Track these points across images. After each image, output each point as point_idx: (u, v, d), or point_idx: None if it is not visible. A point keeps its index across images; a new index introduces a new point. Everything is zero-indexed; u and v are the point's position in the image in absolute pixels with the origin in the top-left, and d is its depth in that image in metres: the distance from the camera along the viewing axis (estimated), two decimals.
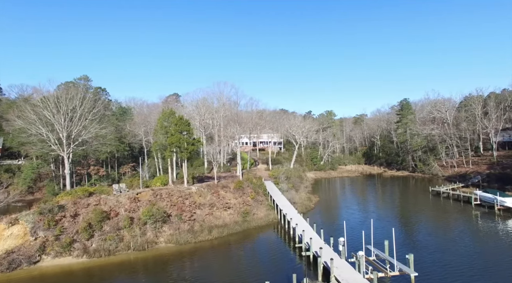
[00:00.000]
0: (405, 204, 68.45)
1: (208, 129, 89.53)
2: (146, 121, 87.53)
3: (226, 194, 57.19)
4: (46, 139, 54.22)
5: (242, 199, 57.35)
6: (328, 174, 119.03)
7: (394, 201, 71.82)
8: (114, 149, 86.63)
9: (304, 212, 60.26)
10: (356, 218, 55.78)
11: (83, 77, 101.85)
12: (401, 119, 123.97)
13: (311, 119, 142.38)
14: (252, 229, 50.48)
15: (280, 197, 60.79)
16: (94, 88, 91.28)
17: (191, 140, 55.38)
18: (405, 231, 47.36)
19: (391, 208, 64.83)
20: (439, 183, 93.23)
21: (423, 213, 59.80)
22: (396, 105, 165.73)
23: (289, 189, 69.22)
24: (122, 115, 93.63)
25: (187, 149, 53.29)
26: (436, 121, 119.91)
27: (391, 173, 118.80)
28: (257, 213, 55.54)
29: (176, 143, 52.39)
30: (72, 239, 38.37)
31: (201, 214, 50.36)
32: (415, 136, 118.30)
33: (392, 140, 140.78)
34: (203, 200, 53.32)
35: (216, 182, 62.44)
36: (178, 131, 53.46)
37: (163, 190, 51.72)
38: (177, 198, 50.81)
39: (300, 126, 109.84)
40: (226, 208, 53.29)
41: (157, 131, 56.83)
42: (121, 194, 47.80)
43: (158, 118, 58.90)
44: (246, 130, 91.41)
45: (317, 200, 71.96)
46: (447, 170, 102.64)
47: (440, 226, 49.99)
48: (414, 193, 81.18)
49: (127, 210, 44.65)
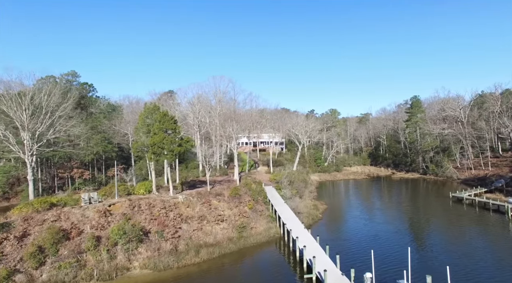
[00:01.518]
0: (426, 213, 58.51)
1: (204, 128, 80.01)
2: (136, 119, 78.08)
3: (220, 203, 47.58)
4: (4, 139, 44.74)
5: (238, 209, 47.74)
6: (333, 176, 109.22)
7: (412, 209, 61.99)
8: (100, 149, 77.24)
9: (311, 223, 50.67)
10: (376, 235, 45.91)
11: (71, 72, 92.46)
12: (411, 118, 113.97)
13: (314, 118, 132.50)
14: (250, 247, 40.82)
15: (282, 206, 51.12)
16: (80, 84, 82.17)
17: (178, 140, 45.81)
18: (439, 254, 37.57)
19: (412, 219, 54.96)
20: (454, 187, 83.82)
21: (452, 226, 49.84)
22: (402, 104, 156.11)
23: (293, 196, 59.55)
24: (110, 113, 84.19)
25: (172, 150, 43.71)
26: (449, 120, 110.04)
27: (400, 175, 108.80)
28: (256, 226, 45.90)
29: (159, 143, 42.85)
30: (13, 269, 28.83)
31: (188, 230, 40.76)
32: (426, 136, 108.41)
33: (400, 140, 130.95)
34: (191, 211, 43.73)
35: (209, 188, 52.91)
36: (162, 130, 43.92)
37: (143, 200, 42.17)
38: (159, 209, 41.28)
39: (303, 125, 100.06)
40: (218, 221, 43.71)
41: (138, 130, 47.34)
42: (89, 206, 38.30)
43: (140, 114, 49.39)
44: (245, 129, 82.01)
45: (325, 207, 62.23)
46: (462, 172, 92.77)
47: (485, 247, 40.00)
48: (431, 199, 71.22)
49: (93, 227, 35.10)
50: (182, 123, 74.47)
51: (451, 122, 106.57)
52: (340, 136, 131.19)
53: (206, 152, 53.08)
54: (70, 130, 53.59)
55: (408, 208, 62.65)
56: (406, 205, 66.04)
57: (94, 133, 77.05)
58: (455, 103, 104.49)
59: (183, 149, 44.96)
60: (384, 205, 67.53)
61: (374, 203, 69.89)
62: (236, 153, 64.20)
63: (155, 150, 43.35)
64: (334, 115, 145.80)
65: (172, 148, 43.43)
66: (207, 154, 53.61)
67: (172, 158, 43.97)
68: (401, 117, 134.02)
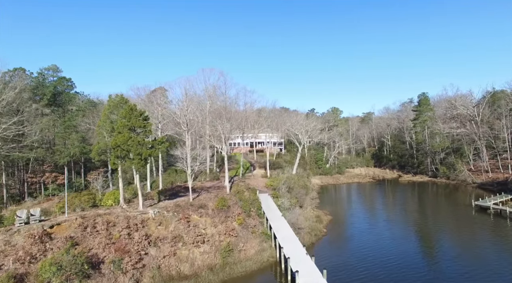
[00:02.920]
0: (448, 226, 48.49)
1: (193, 127, 70.14)
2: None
3: (201, 218, 37.74)
4: None
5: (224, 225, 37.91)
6: (335, 179, 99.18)
7: (431, 221, 52.09)
8: (77, 151, 67.47)
9: (314, 241, 40.95)
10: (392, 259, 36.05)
11: (51, 67, 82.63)
12: (419, 117, 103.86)
13: (314, 117, 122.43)
14: (237, 278, 30.98)
15: (279, 221, 41.09)
16: (58, 79, 72.45)
17: (150, 141, 36.00)
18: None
19: (432, 235, 45.01)
20: (470, 192, 74.23)
21: (485, 246, 39.87)
22: (407, 102, 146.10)
23: (292, 206, 49.64)
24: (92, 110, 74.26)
25: (141, 153, 33.89)
26: (460, 118, 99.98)
27: (407, 178, 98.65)
28: (246, 248, 36.07)
29: (124, 144, 33.05)
30: None
31: (157, 256, 30.94)
32: (436, 135, 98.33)
33: (405, 140, 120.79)
34: (164, 230, 33.92)
35: (191, 198, 43.12)
36: (128, 128, 34.12)
37: (101, 217, 32.29)
38: (121, 229, 31.50)
39: (304, 124, 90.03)
40: (198, 242, 33.91)
41: (100, 128, 37.59)
42: (22, 228, 28.46)
43: (104, 108, 39.65)
44: (238, 128, 72.20)
45: (329, 219, 52.34)
46: (478, 175, 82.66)
47: None
48: (449, 208, 61.12)
49: (19, 260, 25.31)
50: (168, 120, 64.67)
51: (463, 121, 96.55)
52: (342, 137, 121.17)
53: (188, 155, 43.13)
54: (9, 129, 43.63)
55: (425, 220, 52.74)
56: (422, 215, 56.10)
57: (70, 133, 67.29)
58: (468, 101, 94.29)
59: (155, 151, 35.12)
60: (396, 215, 57.57)
61: (384, 213, 59.91)
62: (226, 155, 54.26)
63: (119, 153, 33.54)
64: (335, 114, 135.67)
65: (140, 150, 33.57)
66: (190, 156, 43.80)
67: (140, 163, 34.09)
68: (406, 116, 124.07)
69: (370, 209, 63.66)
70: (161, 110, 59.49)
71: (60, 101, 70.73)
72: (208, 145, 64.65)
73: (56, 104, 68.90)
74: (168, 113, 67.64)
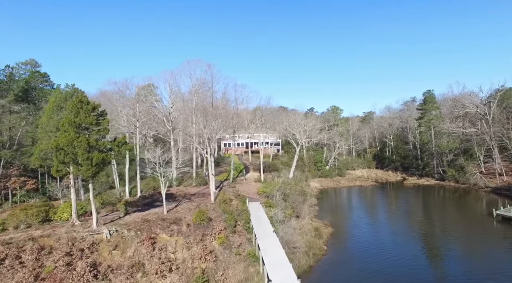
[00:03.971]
0: (470, 242, 40.57)
1: (179, 125, 62.33)
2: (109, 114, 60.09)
3: (172, 238, 29.81)
4: None
5: (201, 246, 29.93)
6: (336, 182, 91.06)
7: (447, 234, 44.08)
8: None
9: (312, 264, 33.03)
10: None
11: (29, 61, 74.82)
12: (424, 116, 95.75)
13: (314, 116, 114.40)
14: None
15: (270, 239, 33.00)
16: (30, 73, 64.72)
17: (105, 142, 28.09)
18: None
19: (455, 254, 37.04)
20: (481, 196, 66.85)
21: None
22: (410, 101, 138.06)
23: (287, 218, 41.64)
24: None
25: (91, 158, 25.97)
26: (468, 117, 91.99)
27: (413, 181, 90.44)
28: (227, 276, 28.07)
29: (68, 147, 25.16)
30: None
31: None
32: (443, 136, 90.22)
33: (408, 140, 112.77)
34: (120, 256, 25.98)
35: (165, 211, 35.25)
36: (76, 126, 26.23)
37: (32, 242, 24.40)
38: (58, 258, 23.58)
39: (302, 124, 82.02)
40: (164, 271, 25.94)
41: (43, 128, 29.74)
42: None
43: (49, 103, 31.78)
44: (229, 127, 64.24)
45: (330, 232, 44.31)
46: (491, 178, 74.70)
47: None
48: (465, 217, 53.15)
49: None
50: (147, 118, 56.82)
51: (472, 120, 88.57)
52: (343, 137, 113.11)
53: (159, 159, 35.19)
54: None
55: (440, 233, 44.69)
56: (435, 227, 48.18)
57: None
58: (478, 98, 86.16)
59: (109, 156, 27.20)
60: (405, 225, 49.59)
61: (392, 223, 51.93)
62: (211, 158, 46.32)
63: (62, 157, 25.61)
64: (335, 113, 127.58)
65: (89, 154, 25.65)
66: (159, 161, 35.84)
67: (91, 170, 26.13)
68: (409, 116, 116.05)
69: (375, 219, 55.63)
70: (140, 107, 51.65)
71: (34, 97, 62.89)
72: (194, 146, 56.81)
73: (28, 101, 61.09)
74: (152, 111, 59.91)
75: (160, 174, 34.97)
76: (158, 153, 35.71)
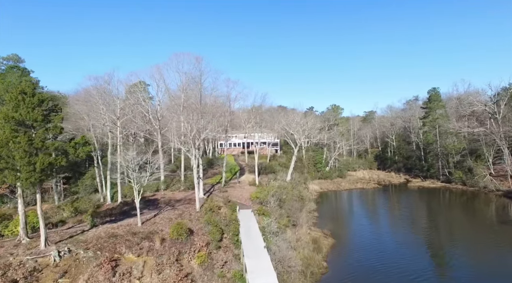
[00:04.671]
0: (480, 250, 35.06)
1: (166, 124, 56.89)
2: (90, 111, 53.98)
3: (140, 259, 24.38)
4: None
5: (176, 268, 24.47)
6: (336, 184, 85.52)
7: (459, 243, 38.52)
8: None
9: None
10: None
11: (12, 57, 69.42)
12: (429, 115, 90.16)
13: (313, 116, 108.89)
14: None
15: (260, 258, 27.42)
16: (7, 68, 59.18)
17: (55, 143, 22.68)
18: None
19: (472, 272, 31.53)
20: (492, 200, 61.85)
21: None
22: (412, 100, 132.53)
23: (282, 229, 36.15)
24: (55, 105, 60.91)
25: (33, 163, 20.56)
26: (475, 116, 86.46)
27: (417, 184, 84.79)
28: None
29: (1, 149, 19.76)
30: None
31: None
32: (449, 135, 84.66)
33: (411, 140, 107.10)
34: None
35: (139, 222, 29.87)
36: (16, 123, 20.84)
37: None
38: None
39: (301, 123, 76.50)
40: None
41: None
42: None
43: None
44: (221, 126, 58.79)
45: (330, 243, 38.80)
46: (502, 181, 69.18)
47: None
48: (477, 223, 47.66)
49: None
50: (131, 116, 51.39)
51: (480, 119, 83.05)
52: (343, 136, 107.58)
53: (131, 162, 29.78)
54: None
55: (447, 242, 39.17)
56: (441, 233, 42.70)
57: None
58: (486, 96, 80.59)
59: (59, 159, 21.79)
60: (412, 234, 43.93)
61: (397, 231, 46.31)
62: (196, 160, 40.83)
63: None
64: (336, 112, 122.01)
65: (31, 158, 20.25)
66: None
67: (34, 177, 20.72)
68: (412, 115, 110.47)
69: (379, 226, 50.12)
70: (121, 104, 46.26)
71: None
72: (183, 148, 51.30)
73: None
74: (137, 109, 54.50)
75: (133, 180, 29.54)
76: (130, 155, 30.26)
